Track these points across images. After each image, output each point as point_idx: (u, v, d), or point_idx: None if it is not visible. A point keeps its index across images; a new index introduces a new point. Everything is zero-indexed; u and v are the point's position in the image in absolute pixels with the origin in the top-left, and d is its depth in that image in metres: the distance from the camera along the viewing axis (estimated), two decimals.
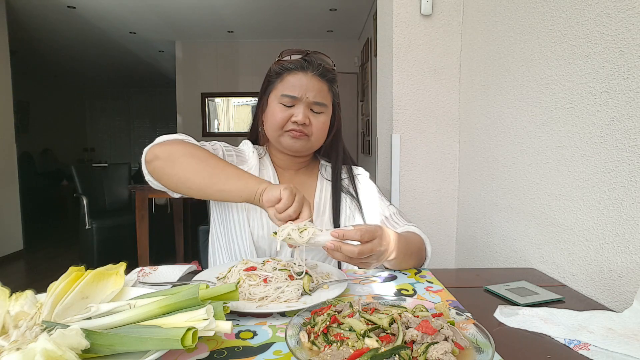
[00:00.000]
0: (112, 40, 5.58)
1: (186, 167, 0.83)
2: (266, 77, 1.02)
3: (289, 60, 0.97)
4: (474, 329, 0.50)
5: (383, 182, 1.68)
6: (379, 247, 0.72)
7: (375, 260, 0.75)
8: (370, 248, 0.71)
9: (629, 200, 0.73)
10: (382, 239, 0.73)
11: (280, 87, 0.96)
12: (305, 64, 0.96)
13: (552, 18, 0.96)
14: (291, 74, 0.96)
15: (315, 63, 0.96)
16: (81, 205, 3.78)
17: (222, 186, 0.81)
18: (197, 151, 0.86)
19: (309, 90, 0.94)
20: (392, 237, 0.79)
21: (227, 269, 0.79)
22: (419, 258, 0.93)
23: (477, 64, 1.39)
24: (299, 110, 0.94)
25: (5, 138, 4.07)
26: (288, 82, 0.95)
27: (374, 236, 0.71)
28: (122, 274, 0.66)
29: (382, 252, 0.74)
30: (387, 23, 1.61)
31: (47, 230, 5.56)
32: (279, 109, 0.95)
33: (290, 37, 5.42)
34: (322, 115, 0.97)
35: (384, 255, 0.76)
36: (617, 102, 0.76)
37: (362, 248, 0.70)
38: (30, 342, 0.46)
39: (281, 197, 0.72)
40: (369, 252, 0.71)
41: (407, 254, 0.86)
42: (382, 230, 0.74)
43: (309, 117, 0.95)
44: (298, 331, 0.52)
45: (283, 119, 0.94)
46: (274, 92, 0.98)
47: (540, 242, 1.01)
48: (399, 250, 0.81)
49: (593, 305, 0.72)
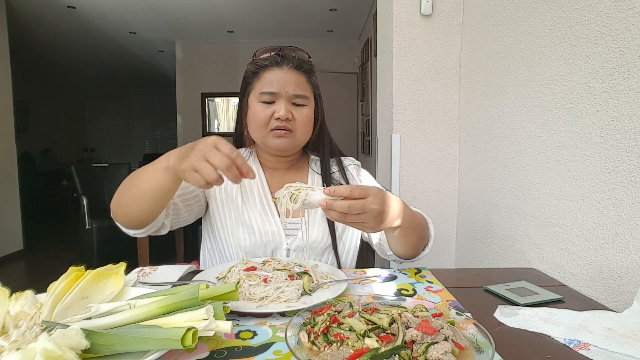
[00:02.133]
0: (112, 40, 5.58)
1: (125, 199, 0.81)
2: (243, 79, 1.01)
3: (263, 58, 0.97)
4: (474, 329, 0.50)
5: (383, 182, 1.68)
6: (372, 204, 0.67)
7: (371, 221, 0.69)
8: (361, 204, 0.66)
9: (629, 200, 0.73)
10: (377, 198, 0.68)
11: (258, 86, 0.95)
12: (279, 59, 0.95)
13: (552, 18, 0.96)
14: (267, 70, 0.95)
15: (289, 56, 0.96)
16: (81, 205, 3.78)
17: (147, 184, 0.76)
18: (126, 180, 0.83)
19: (287, 84, 0.93)
20: (396, 202, 0.74)
21: (227, 269, 0.79)
22: (422, 236, 0.88)
23: (477, 64, 1.39)
24: (280, 105, 0.92)
25: (5, 138, 4.07)
26: (265, 79, 0.94)
27: (366, 193, 0.67)
28: (122, 274, 0.66)
29: (377, 211, 0.68)
30: (387, 23, 1.61)
31: (47, 230, 5.56)
32: (260, 107, 0.94)
33: (290, 37, 5.41)
34: (304, 108, 0.96)
35: (383, 217, 0.70)
36: (617, 102, 0.76)
37: (352, 203, 0.66)
38: (30, 342, 0.46)
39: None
40: (360, 209, 0.66)
41: (412, 225, 0.81)
42: (379, 191, 0.70)
43: (291, 112, 0.93)
44: (298, 331, 0.52)
45: (265, 117, 0.93)
46: (253, 93, 0.96)
47: (540, 242, 1.01)
48: (404, 219, 0.76)
49: (593, 305, 0.72)
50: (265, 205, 0.98)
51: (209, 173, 0.65)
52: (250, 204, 0.98)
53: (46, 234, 5.36)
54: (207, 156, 0.65)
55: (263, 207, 0.98)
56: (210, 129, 5.94)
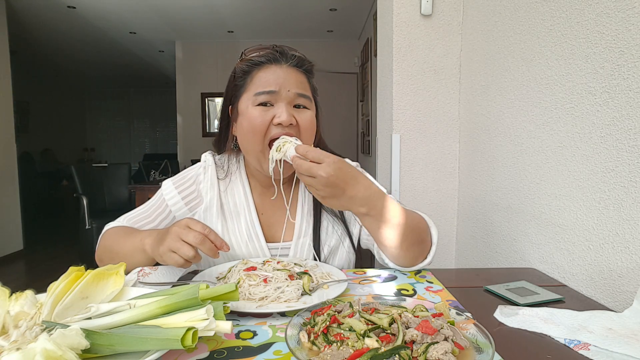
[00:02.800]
0: (112, 40, 5.59)
1: (108, 261, 0.83)
2: (230, 82, 0.89)
3: (258, 55, 0.84)
4: (474, 329, 0.50)
5: (383, 182, 1.68)
6: (320, 171, 0.65)
7: (322, 189, 0.67)
8: (307, 166, 0.66)
9: (629, 200, 0.73)
10: (330, 168, 0.65)
11: (252, 87, 0.83)
12: (277, 55, 0.83)
13: (552, 18, 0.96)
14: (262, 68, 0.83)
15: (288, 53, 0.85)
16: (81, 205, 3.79)
17: (126, 260, 0.79)
18: (106, 242, 0.88)
19: (287, 82, 0.81)
20: (365, 187, 0.70)
21: (227, 269, 0.79)
22: (418, 240, 0.80)
23: (477, 64, 1.39)
24: (281, 108, 0.80)
25: (5, 138, 4.08)
26: (260, 78, 0.82)
27: (320, 159, 0.66)
28: (122, 274, 0.66)
29: (326, 180, 0.65)
30: (387, 23, 1.61)
31: (47, 230, 5.56)
32: (257, 112, 0.81)
33: (290, 37, 5.42)
34: (307, 111, 0.85)
35: (336, 192, 0.68)
36: (617, 102, 0.76)
37: (301, 162, 0.67)
38: (30, 342, 0.46)
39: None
40: (306, 171, 0.66)
41: (393, 222, 0.74)
42: (339, 163, 0.67)
43: (294, 116, 0.81)
44: (298, 331, 0.52)
45: (263, 123, 0.80)
46: (245, 95, 0.84)
47: (540, 242, 1.01)
48: (376, 209, 0.72)
49: (593, 305, 0.72)
50: (252, 232, 0.90)
51: (186, 251, 0.68)
52: (235, 231, 0.91)
53: (46, 234, 5.36)
54: (181, 236, 0.69)
55: (249, 235, 0.90)
56: (210, 129, 5.94)
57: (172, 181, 0.95)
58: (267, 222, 0.94)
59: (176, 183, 0.95)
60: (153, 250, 0.75)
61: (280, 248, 0.91)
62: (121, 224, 0.94)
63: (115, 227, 0.93)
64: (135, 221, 0.94)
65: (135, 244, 0.80)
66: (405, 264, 0.84)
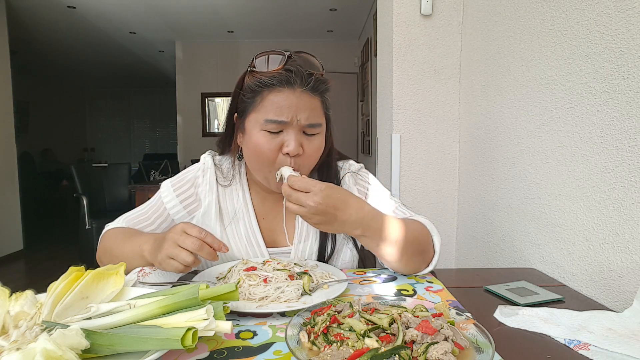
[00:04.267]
0: (112, 40, 5.58)
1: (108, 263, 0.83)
2: (238, 93, 0.83)
3: (269, 73, 0.77)
4: (474, 329, 0.50)
5: (383, 182, 1.67)
6: (309, 200, 0.66)
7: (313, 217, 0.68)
8: (296, 197, 0.67)
9: (629, 200, 0.73)
10: (318, 196, 0.66)
11: (262, 110, 0.77)
12: (291, 77, 0.76)
13: (552, 18, 0.96)
14: (274, 91, 0.76)
15: (304, 74, 0.76)
16: (81, 205, 3.78)
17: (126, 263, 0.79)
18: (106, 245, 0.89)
19: (300, 110, 0.76)
20: (357, 210, 0.71)
21: (227, 269, 0.79)
22: (418, 250, 0.80)
23: (477, 64, 1.39)
24: (290, 137, 0.77)
25: (5, 138, 4.08)
26: (271, 104, 0.76)
27: (307, 188, 0.67)
28: (122, 274, 0.66)
29: (316, 209, 0.66)
30: (387, 23, 1.61)
31: (47, 230, 5.56)
32: (265, 139, 0.77)
33: (290, 37, 5.42)
34: (316, 137, 0.81)
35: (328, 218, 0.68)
36: (617, 102, 0.76)
37: (290, 192, 0.67)
38: (30, 342, 0.46)
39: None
40: (296, 201, 0.67)
41: (394, 240, 0.74)
42: (327, 190, 0.67)
43: (302, 145, 0.78)
44: (298, 331, 0.52)
45: (272, 150, 0.77)
46: (253, 116, 0.79)
47: (540, 242, 1.01)
48: (370, 230, 0.72)
49: (593, 305, 0.72)
50: (252, 238, 0.90)
51: (184, 257, 0.68)
52: (234, 235, 0.90)
53: (46, 234, 5.36)
54: (178, 242, 0.68)
55: (249, 240, 0.90)
56: (210, 128, 5.94)
57: (170, 183, 0.94)
58: (268, 226, 0.93)
59: (174, 186, 0.93)
60: (151, 257, 0.75)
61: (281, 253, 0.91)
62: (120, 225, 0.94)
63: (114, 228, 0.93)
64: (134, 223, 0.93)
65: (134, 249, 0.80)
66: (406, 273, 0.85)
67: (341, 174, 0.95)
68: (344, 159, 0.99)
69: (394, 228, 0.75)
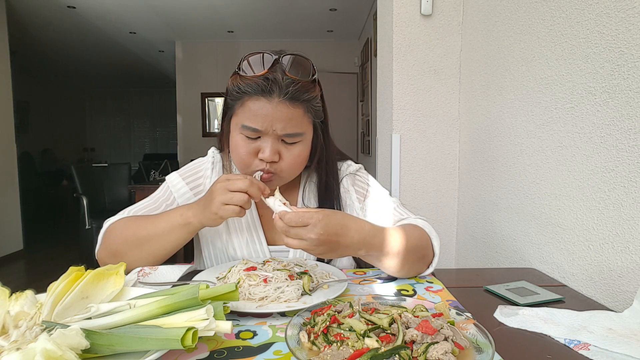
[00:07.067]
0: (112, 40, 5.58)
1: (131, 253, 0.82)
2: (226, 93, 0.83)
3: (248, 79, 0.76)
4: (474, 329, 0.50)
5: (383, 182, 1.68)
6: (310, 234, 0.64)
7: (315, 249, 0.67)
8: (295, 232, 0.65)
9: (629, 200, 0.73)
10: (317, 228, 0.64)
11: (241, 115, 0.77)
12: (268, 86, 0.74)
13: (552, 18, 0.96)
14: (252, 98, 0.75)
15: (282, 83, 0.74)
16: (81, 205, 3.78)
17: (163, 243, 0.80)
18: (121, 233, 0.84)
19: (275, 120, 0.75)
20: (357, 231, 0.70)
21: (227, 269, 0.79)
22: (419, 256, 0.81)
23: (477, 64, 1.39)
24: (266, 144, 0.76)
25: (6, 138, 4.08)
26: (248, 110, 0.76)
27: (304, 222, 0.65)
28: (122, 274, 0.66)
29: (317, 241, 0.65)
30: (387, 23, 1.61)
31: (47, 231, 5.56)
32: (243, 142, 0.78)
33: (290, 37, 5.42)
34: (297, 145, 0.79)
35: (331, 246, 0.67)
36: (617, 102, 0.76)
37: (286, 229, 0.66)
38: (30, 342, 0.46)
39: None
40: (295, 235, 0.66)
41: (393, 251, 0.75)
42: (325, 219, 0.65)
43: (278, 152, 0.78)
44: (298, 331, 0.52)
45: (248, 154, 0.78)
46: (234, 119, 0.80)
47: (540, 242, 1.01)
48: (373, 247, 0.72)
49: (593, 305, 0.72)
50: (253, 232, 0.90)
51: (239, 197, 0.71)
52: (236, 232, 0.90)
53: (46, 234, 5.36)
54: (228, 187, 0.72)
55: (250, 234, 0.90)
56: (210, 129, 5.94)
57: (178, 173, 0.94)
58: (269, 224, 0.93)
59: (184, 175, 0.93)
60: (202, 216, 0.75)
61: (281, 251, 0.91)
62: (126, 216, 0.91)
63: (122, 219, 0.89)
64: (143, 213, 0.91)
65: (172, 222, 0.79)
66: (407, 277, 0.85)
67: (340, 176, 0.95)
68: (344, 159, 0.99)
69: (395, 240, 0.75)
